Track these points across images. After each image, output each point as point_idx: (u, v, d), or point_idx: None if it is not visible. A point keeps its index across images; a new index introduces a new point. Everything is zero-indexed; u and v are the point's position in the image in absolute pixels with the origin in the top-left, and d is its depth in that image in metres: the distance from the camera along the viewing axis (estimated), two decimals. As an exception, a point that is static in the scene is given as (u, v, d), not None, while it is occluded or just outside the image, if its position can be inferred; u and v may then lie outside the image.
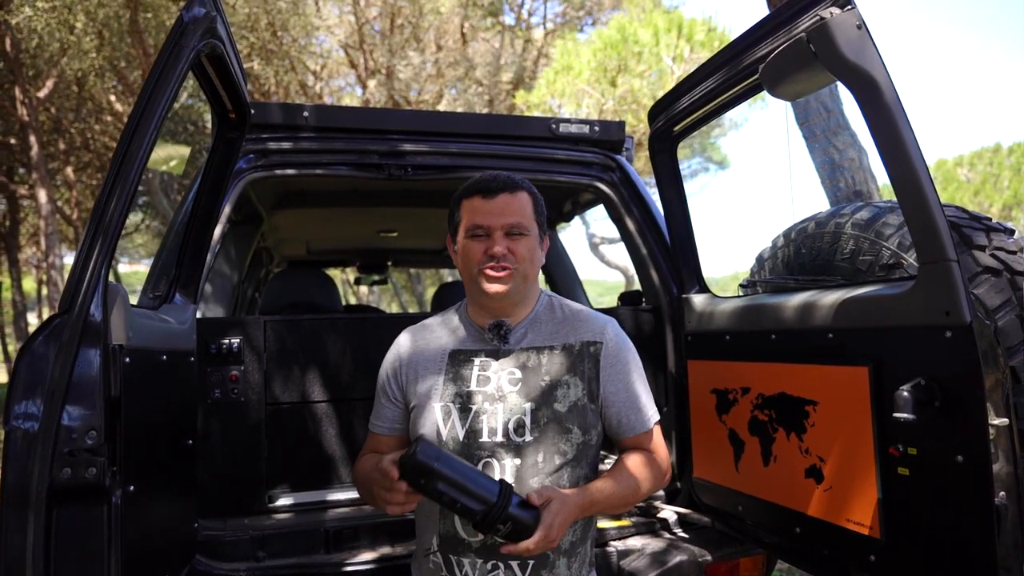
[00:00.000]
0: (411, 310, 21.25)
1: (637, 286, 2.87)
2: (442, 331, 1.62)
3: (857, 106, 1.43)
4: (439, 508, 1.48)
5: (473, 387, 1.51)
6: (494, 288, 1.49)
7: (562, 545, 1.48)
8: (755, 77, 1.74)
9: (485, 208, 1.50)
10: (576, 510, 1.42)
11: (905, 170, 1.38)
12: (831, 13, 1.42)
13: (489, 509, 1.31)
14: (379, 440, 1.61)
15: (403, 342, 1.64)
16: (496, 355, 1.54)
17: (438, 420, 1.48)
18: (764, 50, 1.66)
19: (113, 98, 12.44)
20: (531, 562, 1.44)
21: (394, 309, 23.22)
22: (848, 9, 1.40)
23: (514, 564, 1.44)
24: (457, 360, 1.55)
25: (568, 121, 2.70)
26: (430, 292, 22.68)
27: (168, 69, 1.39)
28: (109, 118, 13.19)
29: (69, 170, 14.69)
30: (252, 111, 1.93)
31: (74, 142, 13.98)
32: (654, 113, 2.24)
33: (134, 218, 17.32)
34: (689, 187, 2.43)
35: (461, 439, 1.47)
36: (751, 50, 1.72)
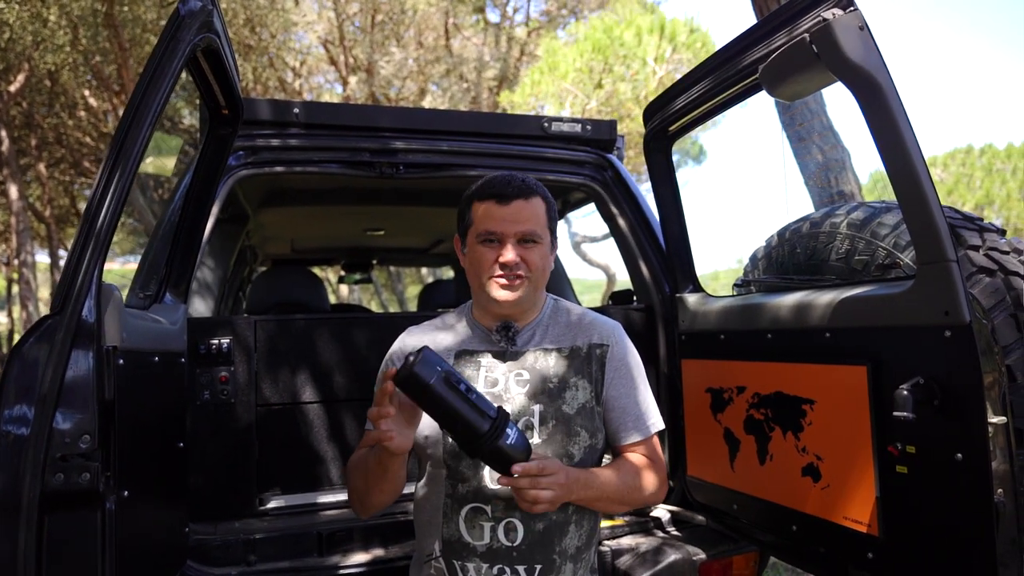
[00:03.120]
0: (391, 309, 21.13)
1: (619, 285, 2.89)
2: (448, 331, 1.60)
3: (858, 107, 1.44)
4: (442, 513, 1.46)
5: (480, 387, 1.49)
6: (504, 296, 1.48)
7: (568, 550, 1.47)
8: (753, 77, 1.74)
9: (499, 214, 1.47)
10: (575, 484, 1.38)
11: (906, 171, 1.39)
12: (833, 14, 1.42)
13: (493, 424, 1.26)
14: None
15: (408, 339, 1.62)
16: (503, 356, 1.53)
17: None
18: (763, 51, 1.66)
19: (87, 93, 12.20)
20: (538, 567, 1.43)
21: (374, 308, 23.06)
22: (850, 11, 1.41)
23: (520, 568, 1.42)
24: (464, 360, 1.53)
25: (560, 120, 2.70)
26: (410, 291, 22.60)
27: (164, 64, 1.35)
28: (83, 113, 12.93)
29: (41, 166, 14.38)
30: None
31: (47, 137, 13.70)
32: (649, 112, 2.24)
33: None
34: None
35: None
36: (750, 50, 1.72)
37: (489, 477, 1.45)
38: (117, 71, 10.81)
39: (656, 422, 1.58)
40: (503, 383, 1.50)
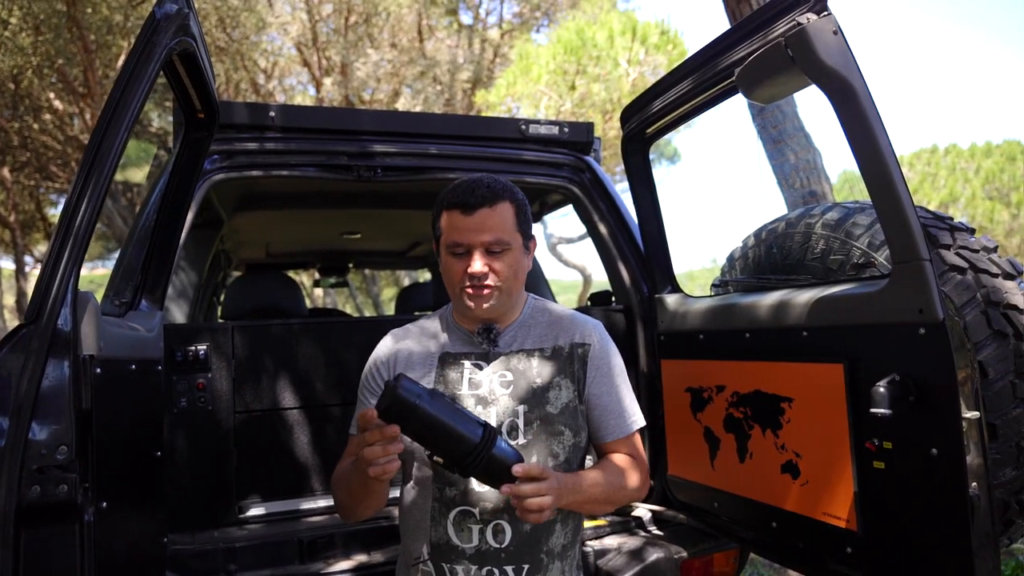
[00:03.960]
0: (367, 312, 20.99)
1: (595, 286, 2.91)
2: (429, 334, 1.59)
3: (832, 109, 1.47)
4: (429, 517, 1.46)
5: (464, 390, 1.49)
6: (476, 306, 1.48)
7: (554, 549, 1.48)
8: (730, 80, 1.77)
9: (464, 225, 1.45)
10: (565, 489, 1.38)
11: (879, 172, 1.42)
12: (808, 19, 1.45)
13: (484, 433, 1.26)
14: None
15: (390, 343, 1.60)
16: (486, 358, 1.52)
17: None
18: (740, 54, 1.69)
19: (52, 96, 11.94)
20: (525, 567, 1.43)
21: (349, 311, 22.85)
22: (824, 15, 1.43)
23: (508, 569, 1.42)
24: (447, 363, 1.52)
25: (537, 122, 2.71)
26: (385, 294, 22.42)
27: (140, 68, 1.33)
28: (48, 116, 12.65)
29: (5, 170, 14.04)
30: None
31: (10, 141, 13.36)
32: (627, 115, 2.26)
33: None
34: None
35: None
36: (726, 54, 1.75)
37: (476, 480, 1.44)
38: (83, 74, 10.60)
39: (637, 419, 1.59)
40: (487, 385, 1.50)
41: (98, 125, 1.30)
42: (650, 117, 2.15)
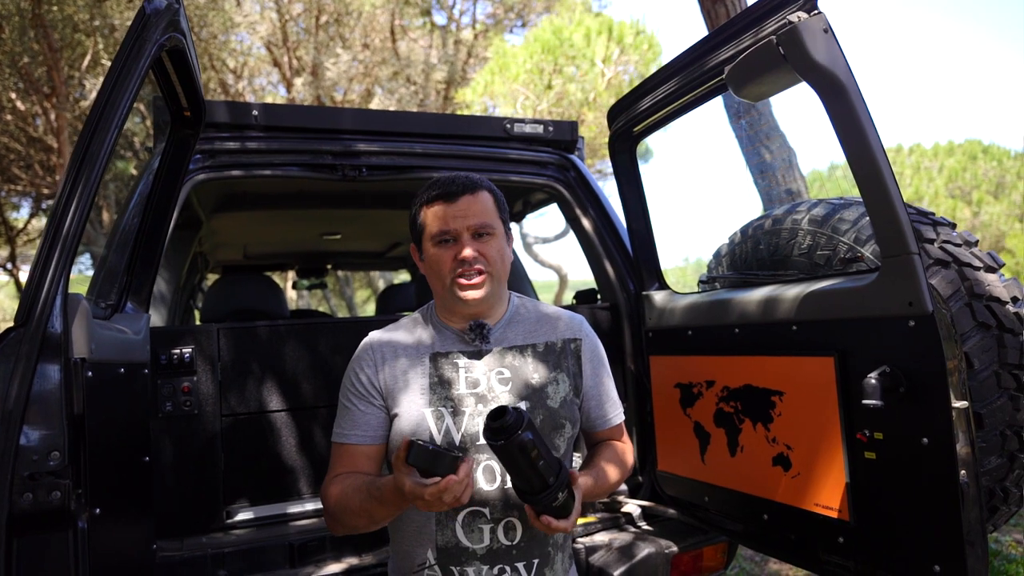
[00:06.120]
0: (340, 314, 20.82)
1: (571, 286, 2.92)
2: (415, 334, 1.56)
3: (823, 106, 1.49)
4: (435, 521, 1.43)
5: (463, 390, 1.47)
6: (470, 295, 1.46)
7: (559, 540, 1.50)
8: (719, 78, 1.78)
9: (449, 212, 1.46)
10: (588, 497, 1.47)
11: (870, 168, 1.45)
12: (799, 17, 1.47)
13: (556, 481, 1.31)
14: (360, 452, 1.48)
15: (374, 345, 1.55)
16: (479, 356, 1.51)
17: (431, 425, 1.44)
18: (729, 52, 1.70)
19: (14, 96, 11.64)
20: (535, 561, 1.44)
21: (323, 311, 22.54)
22: (815, 14, 1.46)
23: (520, 565, 1.43)
24: (439, 362, 1.50)
25: (522, 121, 2.71)
26: (359, 296, 22.22)
27: (130, 65, 1.31)
28: (9, 117, 12.33)
29: (-35, 173, 13.64)
30: None
31: (-30, 143, 12.99)
32: (614, 113, 2.27)
33: (38, 224, 16.31)
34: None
35: (457, 443, 1.44)
36: (716, 52, 1.76)
37: (483, 480, 1.44)
38: (47, 73, 10.35)
39: (621, 407, 1.69)
40: (485, 383, 1.49)
41: (87, 125, 1.27)
42: (637, 116, 2.16)
